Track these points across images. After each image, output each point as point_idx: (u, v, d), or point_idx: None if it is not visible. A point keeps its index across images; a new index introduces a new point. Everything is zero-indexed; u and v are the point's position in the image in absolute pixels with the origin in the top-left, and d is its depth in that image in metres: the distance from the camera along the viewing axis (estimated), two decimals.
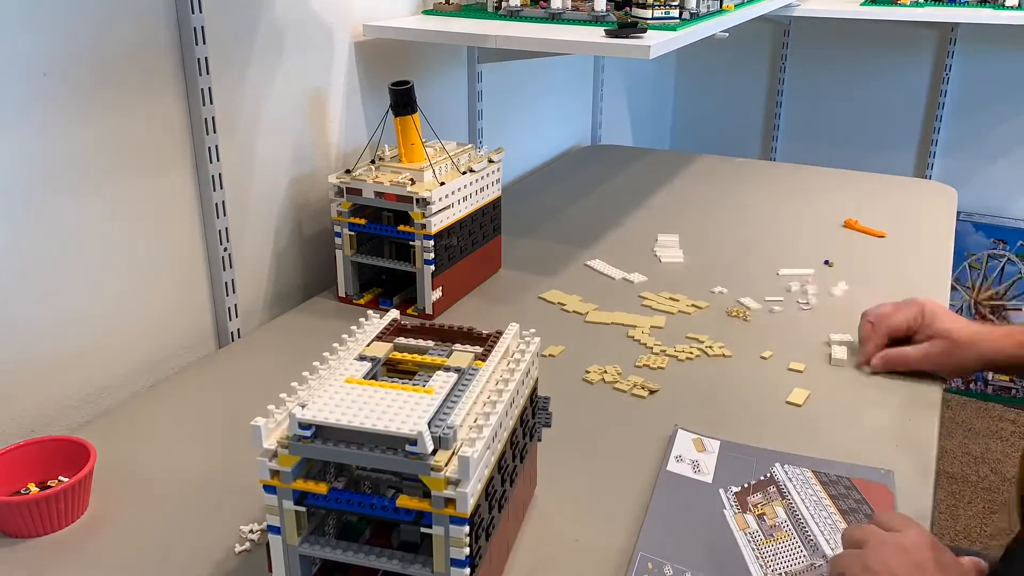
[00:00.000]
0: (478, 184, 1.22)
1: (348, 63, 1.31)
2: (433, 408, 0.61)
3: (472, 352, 0.71)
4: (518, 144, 1.86)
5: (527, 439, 0.76)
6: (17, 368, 0.91)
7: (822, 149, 2.65)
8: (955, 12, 2.11)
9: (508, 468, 0.70)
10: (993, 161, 2.50)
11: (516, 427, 0.71)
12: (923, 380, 1.00)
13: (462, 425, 0.62)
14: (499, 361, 0.71)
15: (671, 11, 1.27)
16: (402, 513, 0.61)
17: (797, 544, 0.74)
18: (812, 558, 0.72)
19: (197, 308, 1.12)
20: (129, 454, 0.88)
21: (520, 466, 0.74)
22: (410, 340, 0.75)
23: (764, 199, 1.70)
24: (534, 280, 1.30)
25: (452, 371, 0.68)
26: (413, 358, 0.72)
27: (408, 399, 0.62)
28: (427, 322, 0.91)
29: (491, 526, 0.66)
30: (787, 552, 0.73)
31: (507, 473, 0.69)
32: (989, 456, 2.28)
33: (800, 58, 2.65)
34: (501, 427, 0.66)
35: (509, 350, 0.74)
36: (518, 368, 0.71)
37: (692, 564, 0.72)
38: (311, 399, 0.62)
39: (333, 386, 0.64)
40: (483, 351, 0.72)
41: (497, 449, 0.65)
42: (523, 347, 0.75)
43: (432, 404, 0.62)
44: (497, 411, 0.64)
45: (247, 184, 1.17)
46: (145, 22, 0.98)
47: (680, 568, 0.71)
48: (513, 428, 0.70)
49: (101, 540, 0.76)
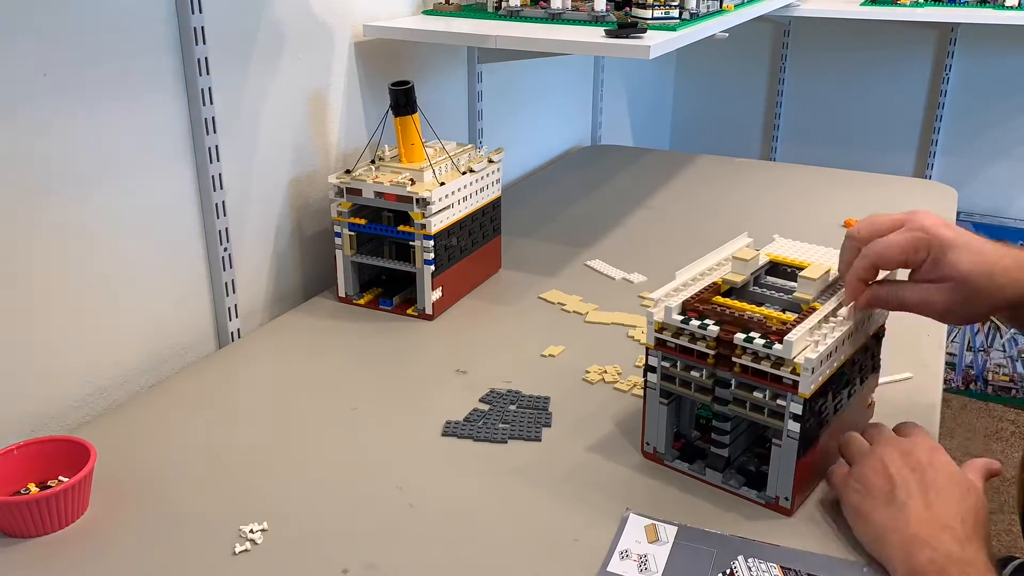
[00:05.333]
0: (478, 184, 1.22)
1: (348, 63, 1.31)
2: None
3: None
4: (518, 144, 1.86)
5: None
6: (17, 368, 0.91)
7: (822, 149, 2.65)
8: (955, 12, 2.11)
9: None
10: (993, 161, 2.50)
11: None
12: (923, 379, 1.00)
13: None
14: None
15: (671, 11, 1.27)
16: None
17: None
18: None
19: (197, 308, 1.12)
20: (129, 454, 0.88)
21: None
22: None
23: (764, 199, 1.70)
24: (534, 280, 1.30)
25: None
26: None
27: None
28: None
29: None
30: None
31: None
32: (989, 456, 2.28)
33: (800, 58, 2.65)
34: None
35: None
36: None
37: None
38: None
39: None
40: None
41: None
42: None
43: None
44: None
45: (247, 184, 1.17)
46: (145, 22, 0.98)
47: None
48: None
49: (101, 540, 0.76)
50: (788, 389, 0.73)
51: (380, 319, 1.18)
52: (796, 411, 0.73)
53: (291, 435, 0.92)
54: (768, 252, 0.91)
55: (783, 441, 0.75)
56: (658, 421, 0.84)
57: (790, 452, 0.75)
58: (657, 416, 0.84)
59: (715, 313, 0.78)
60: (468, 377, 1.03)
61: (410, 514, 0.79)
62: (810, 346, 0.74)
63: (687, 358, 0.79)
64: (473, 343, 1.12)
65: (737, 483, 0.81)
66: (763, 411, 0.76)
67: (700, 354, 0.78)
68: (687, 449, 0.85)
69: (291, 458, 0.88)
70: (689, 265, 0.87)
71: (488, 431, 0.91)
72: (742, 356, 0.75)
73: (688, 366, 0.79)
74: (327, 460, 0.87)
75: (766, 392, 0.75)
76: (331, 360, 1.08)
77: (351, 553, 0.74)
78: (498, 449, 0.89)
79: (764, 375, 0.74)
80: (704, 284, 0.84)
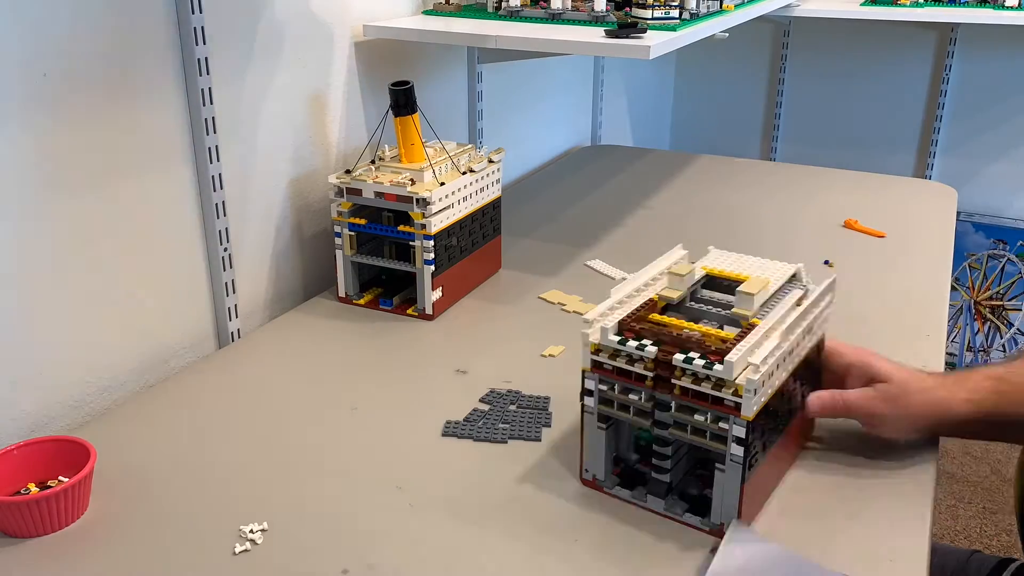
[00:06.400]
0: (478, 184, 1.22)
1: (348, 63, 1.31)
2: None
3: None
4: (518, 144, 1.86)
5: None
6: (17, 368, 0.91)
7: (822, 149, 2.65)
8: (955, 12, 2.11)
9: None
10: (993, 161, 2.50)
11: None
12: None
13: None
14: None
15: (671, 11, 1.27)
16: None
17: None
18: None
19: (197, 308, 1.12)
20: (129, 454, 0.88)
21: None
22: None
23: (764, 199, 1.70)
24: (534, 280, 1.30)
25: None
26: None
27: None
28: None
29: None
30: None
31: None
32: (989, 456, 2.28)
33: (800, 58, 2.65)
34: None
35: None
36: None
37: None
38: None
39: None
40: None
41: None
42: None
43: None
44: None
45: (247, 184, 1.17)
46: (145, 22, 0.98)
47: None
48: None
49: (101, 540, 0.76)
50: (730, 411, 0.70)
51: (380, 319, 1.18)
52: (739, 434, 0.71)
53: (291, 435, 0.92)
54: (704, 265, 0.87)
55: (726, 465, 0.72)
56: (596, 447, 0.80)
57: (735, 476, 0.72)
58: (595, 442, 0.80)
59: (652, 332, 0.75)
60: (468, 377, 1.03)
61: (410, 514, 0.79)
62: (750, 367, 0.70)
63: (625, 380, 0.76)
64: (473, 343, 1.12)
65: (680, 510, 0.78)
66: (705, 435, 0.73)
67: (638, 376, 0.75)
68: (627, 474, 0.82)
69: (291, 458, 0.88)
70: (624, 280, 0.84)
71: (488, 431, 0.91)
72: (681, 377, 0.72)
73: (626, 388, 0.76)
74: (327, 460, 0.87)
75: (707, 415, 0.72)
76: (331, 360, 1.08)
77: (351, 553, 0.74)
78: (498, 449, 0.89)
79: (705, 397, 0.71)
80: (640, 301, 0.81)
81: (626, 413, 0.77)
